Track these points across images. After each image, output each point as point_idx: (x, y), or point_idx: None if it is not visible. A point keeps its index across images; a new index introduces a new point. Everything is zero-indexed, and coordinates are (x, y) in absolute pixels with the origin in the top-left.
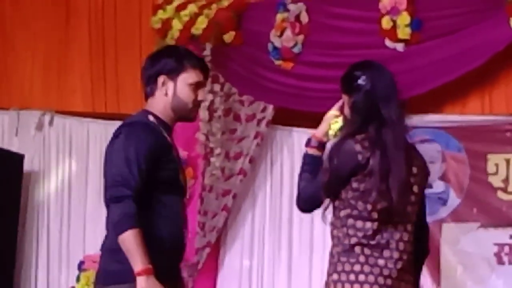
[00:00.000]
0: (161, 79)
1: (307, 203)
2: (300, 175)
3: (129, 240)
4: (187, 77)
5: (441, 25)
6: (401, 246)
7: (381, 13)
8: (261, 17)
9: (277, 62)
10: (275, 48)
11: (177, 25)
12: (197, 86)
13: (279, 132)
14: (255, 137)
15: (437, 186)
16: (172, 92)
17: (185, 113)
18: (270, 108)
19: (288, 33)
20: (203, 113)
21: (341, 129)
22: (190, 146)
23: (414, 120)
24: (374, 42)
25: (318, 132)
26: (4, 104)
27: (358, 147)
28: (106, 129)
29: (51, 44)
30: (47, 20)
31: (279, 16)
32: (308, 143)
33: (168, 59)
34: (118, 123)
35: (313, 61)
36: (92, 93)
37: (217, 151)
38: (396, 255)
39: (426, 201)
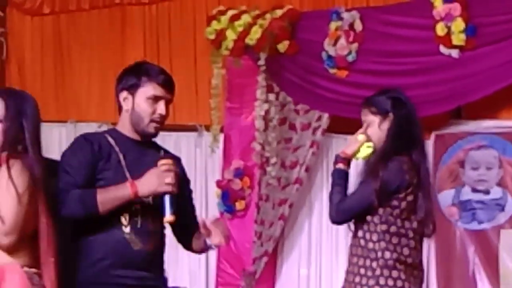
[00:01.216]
0: (122, 94)
1: (345, 215)
2: (332, 188)
3: (94, 197)
4: (145, 91)
5: (496, 31)
6: (422, 266)
7: (436, 20)
8: (315, 26)
9: (332, 71)
10: (329, 56)
11: (231, 35)
12: (154, 100)
13: (335, 141)
14: (311, 146)
15: (495, 192)
16: (130, 106)
17: (143, 127)
18: (325, 116)
19: (342, 41)
20: (258, 123)
21: (372, 154)
22: (246, 156)
23: (470, 126)
24: (429, 49)
25: (348, 150)
26: (62, 116)
27: (405, 167)
28: (163, 140)
29: (107, 57)
30: (103, 33)
31: (333, 25)
32: (337, 161)
33: (128, 76)
34: (174, 134)
35: (368, 69)
36: None
37: (273, 160)
38: (421, 275)
39: None
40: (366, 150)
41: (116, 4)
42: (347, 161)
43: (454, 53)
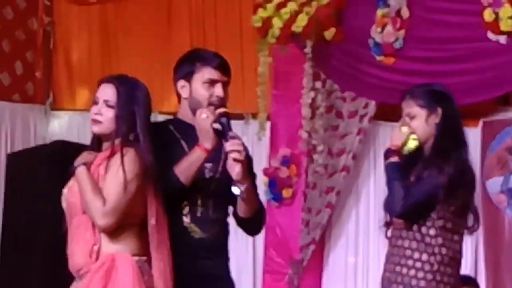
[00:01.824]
0: (180, 83)
1: (412, 208)
2: (392, 183)
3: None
4: (200, 76)
5: None
6: None
7: (483, 6)
8: (362, 13)
9: (379, 58)
10: (376, 43)
11: (277, 23)
12: (211, 84)
13: (382, 128)
14: (358, 133)
15: None
16: (188, 93)
17: None
18: (372, 104)
19: (389, 28)
20: (305, 111)
21: (417, 147)
22: (293, 144)
23: None
24: (476, 35)
25: (396, 143)
26: None
27: (465, 165)
28: None
29: (154, 45)
30: (149, 22)
31: (380, 12)
32: (389, 154)
33: (183, 64)
34: None
35: (415, 56)
36: None
37: (320, 148)
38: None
39: None
40: (412, 143)
41: None
42: (399, 152)
43: (502, 39)
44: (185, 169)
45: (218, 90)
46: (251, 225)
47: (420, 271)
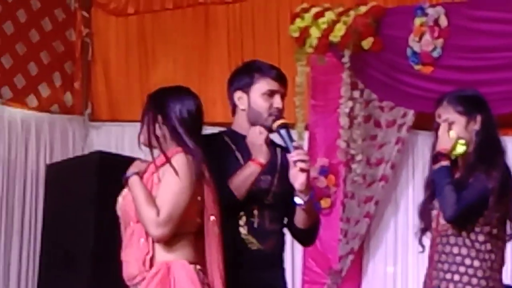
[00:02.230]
0: (237, 95)
1: (464, 213)
2: (443, 188)
3: (228, 187)
4: (259, 88)
5: None
6: None
7: None
8: (399, 22)
9: (417, 67)
10: (414, 52)
11: (315, 33)
12: (270, 95)
13: (420, 137)
14: (396, 143)
15: None
16: (247, 104)
17: (262, 122)
18: (411, 113)
19: (427, 37)
20: (343, 120)
21: (465, 153)
22: (331, 154)
23: None
24: None
25: (445, 146)
26: None
27: (508, 172)
28: None
29: (191, 56)
30: (187, 33)
31: (418, 21)
32: (440, 158)
33: (240, 75)
34: None
35: (453, 65)
36: None
37: (358, 157)
38: None
39: None
40: (461, 147)
41: (199, 3)
42: (448, 156)
43: None
44: (239, 183)
45: (277, 101)
46: (308, 236)
47: (473, 277)
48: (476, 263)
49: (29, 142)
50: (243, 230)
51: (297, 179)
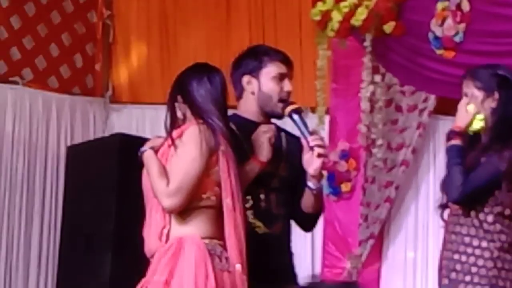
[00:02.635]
0: (245, 79)
1: (468, 196)
2: (452, 167)
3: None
4: (269, 71)
5: None
6: None
7: None
8: (421, 6)
9: (439, 52)
10: (436, 37)
11: (336, 16)
12: (280, 78)
13: (442, 122)
14: (417, 127)
15: None
16: (257, 88)
17: (272, 106)
18: (432, 98)
19: (449, 21)
20: (364, 104)
21: (482, 129)
22: (352, 138)
23: None
24: None
25: (461, 123)
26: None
27: None
28: None
29: (213, 38)
30: (208, 15)
31: (440, 5)
32: (452, 136)
33: (248, 59)
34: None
35: (475, 50)
36: None
37: (379, 142)
38: None
39: None
40: (479, 123)
41: None
42: (462, 135)
43: None
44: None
45: (287, 84)
46: (311, 221)
47: (480, 258)
48: (484, 243)
49: (50, 123)
50: (249, 214)
51: (312, 164)
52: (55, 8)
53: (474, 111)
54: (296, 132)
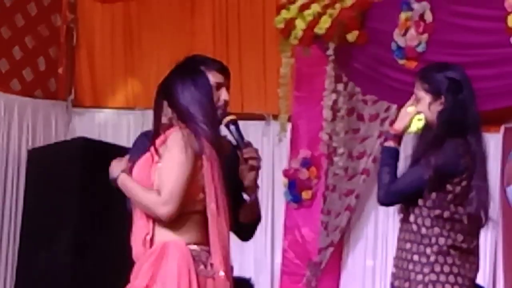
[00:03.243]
0: None
1: (394, 197)
2: (381, 168)
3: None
4: None
5: None
6: (478, 252)
7: (507, 11)
8: (385, 16)
9: (401, 61)
10: (398, 47)
11: (300, 24)
12: (217, 88)
13: None
14: (379, 136)
15: None
16: None
17: None
18: (394, 107)
19: (412, 32)
20: (326, 113)
21: (424, 128)
22: (314, 146)
23: None
24: (499, 41)
25: (399, 126)
26: (130, 103)
27: (461, 150)
28: None
29: (177, 44)
30: (173, 21)
31: (403, 15)
32: (387, 138)
33: None
34: (241, 123)
35: (437, 60)
36: None
37: (341, 150)
38: (476, 261)
39: None
40: (417, 123)
41: None
42: (398, 138)
43: None
44: None
45: (224, 93)
46: (249, 231)
47: (417, 264)
48: (421, 248)
49: (11, 126)
50: None
51: (247, 176)
52: (19, 10)
53: (413, 113)
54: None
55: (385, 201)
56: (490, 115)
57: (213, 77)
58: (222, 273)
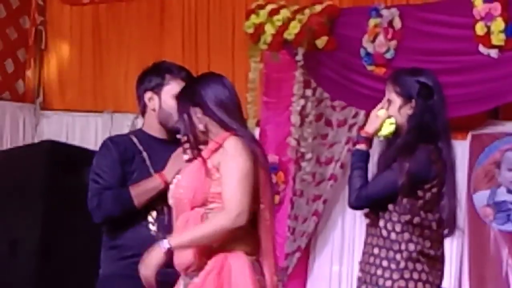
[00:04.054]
0: (147, 95)
1: (365, 202)
2: (352, 171)
3: (128, 193)
4: (170, 89)
5: None
6: (444, 259)
7: (475, 19)
8: (354, 22)
9: (370, 68)
10: (367, 53)
11: (269, 29)
12: None
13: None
14: (347, 142)
15: None
16: (158, 105)
17: (172, 124)
18: (362, 113)
19: (380, 38)
20: (294, 118)
21: (394, 132)
22: (281, 151)
23: (507, 126)
24: (468, 48)
25: (370, 129)
26: (98, 107)
27: (432, 157)
28: None
29: (145, 48)
30: (141, 25)
31: (372, 22)
32: (358, 141)
33: (151, 76)
34: None
35: (406, 67)
36: None
37: (308, 156)
38: (442, 268)
39: None
40: (388, 127)
41: None
42: (369, 140)
43: (493, 53)
44: (140, 193)
45: None
46: None
47: (387, 270)
48: (390, 254)
49: None
50: (152, 227)
51: None
52: None
53: (384, 116)
54: None
55: (355, 205)
56: (457, 122)
57: (178, 86)
58: (275, 278)
